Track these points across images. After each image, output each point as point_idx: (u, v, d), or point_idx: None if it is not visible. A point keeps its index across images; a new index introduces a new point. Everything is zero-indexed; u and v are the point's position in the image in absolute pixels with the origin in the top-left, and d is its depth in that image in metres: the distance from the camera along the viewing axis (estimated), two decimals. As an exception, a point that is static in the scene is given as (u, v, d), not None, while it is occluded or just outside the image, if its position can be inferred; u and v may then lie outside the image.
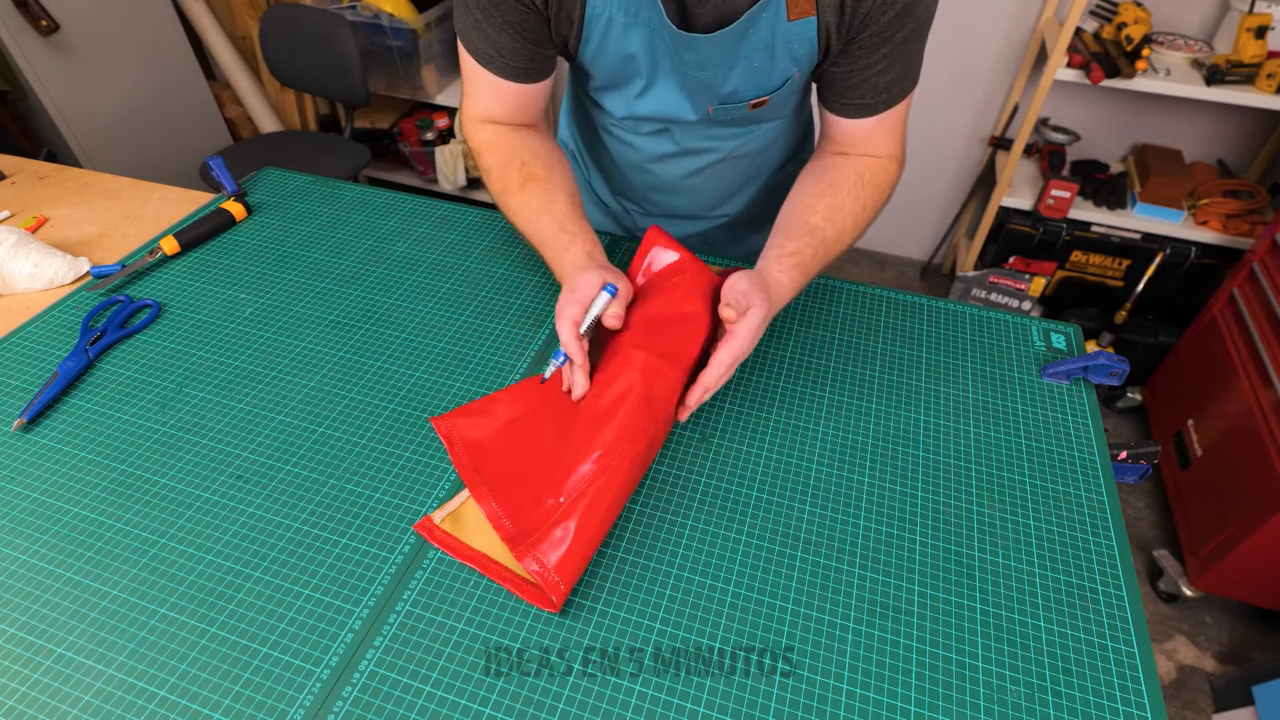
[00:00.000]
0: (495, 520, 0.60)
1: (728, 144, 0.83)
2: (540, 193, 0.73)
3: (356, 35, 1.91)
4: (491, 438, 0.66)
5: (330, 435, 0.68)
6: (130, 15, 2.07)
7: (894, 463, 0.67)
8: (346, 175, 1.95)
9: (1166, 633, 1.55)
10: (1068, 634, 0.55)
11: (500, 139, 0.77)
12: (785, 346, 0.79)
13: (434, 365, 0.76)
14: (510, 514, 0.60)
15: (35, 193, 1.05)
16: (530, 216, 0.73)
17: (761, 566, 0.59)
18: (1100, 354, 0.74)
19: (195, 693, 0.51)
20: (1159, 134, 2.04)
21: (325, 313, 0.82)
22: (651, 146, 0.83)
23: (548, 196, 0.73)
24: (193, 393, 0.72)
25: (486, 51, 0.71)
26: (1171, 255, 1.90)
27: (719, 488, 0.65)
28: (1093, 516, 0.63)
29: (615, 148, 0.87)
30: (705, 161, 0.85)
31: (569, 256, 0.69)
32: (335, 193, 1.02)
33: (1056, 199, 1.89)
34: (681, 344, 0.66)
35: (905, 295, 0.86)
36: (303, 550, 0.59)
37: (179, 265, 0.88)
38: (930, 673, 0.53)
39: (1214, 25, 1.84)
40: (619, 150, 0.87)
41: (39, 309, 0.83)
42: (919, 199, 2.40)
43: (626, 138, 0.84)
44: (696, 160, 0.84)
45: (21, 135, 2.04)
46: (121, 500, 0.63)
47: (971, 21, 2.01)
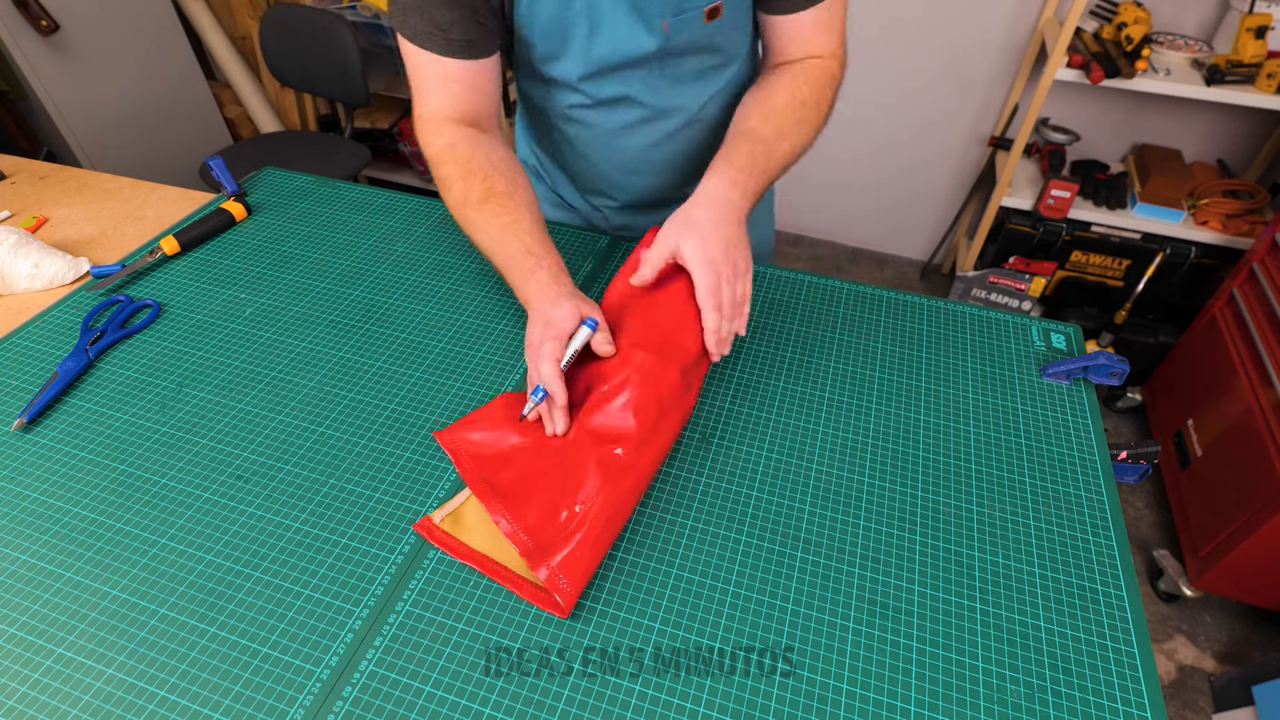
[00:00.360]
0: (513, 537, 0.59)
1: (690, 101, 0.81)
2: (503, 210, 0.70)
3: (356, 35, 1.91)
4: (496, 448, 0.65)
5: (330, 435, 0.68)
6: (130, 15, 2.07)
7: (894, 463, 0.67)
8: (346, 175, 1.95)
9: (1166, 633, 1.55)
10: (1068, 634, 0.55)
11: (459, 147, 0.73)
12: (785, 346, 0.79)
13: (434, 365, 0.76)
14: (526, 528, 0.59)
15: (35, 193, 1.05)
16: (492, 234, 0.70)
17: (761, 566, 0.59)
18: (1100, 354, 0.74)
19: (195, 693, 0.51)
20: (1159, 134, 2.04)
21: (325, 313, 0.82)
22: (613, 118, 0.81)
23: (511, 215, 0.70)
24: (193, 393, 0.72)
25: (425, 29, 0.69)
26: (1171, 255, 1.90)
27: (719, 488, 0.65)
28: (1093, 516, 0.63)
29: (576, 134, 0.84)
30: (670, 126, 0.83)
31: (535, 280, 0.66)
32: (335, 193, 1.02)
33: (1056, 199, 1.89)
34: (680, 339, 0.66)
35: (905, 295, 0.86)
36: (303, 550, 0.59)
37: (179, 265, 0.88)
38: (930, 673, 0.53)
39: (1214, 25, 1.84)
40: (580, 136, 0.84)
41: (39, 309, 0.83)
42: (919, 199, 2.40)
43: (585, 117, 0.81)
44: (661, 126, 0.82)
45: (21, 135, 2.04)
46: (121, 500, 0.63)
47: (971, 21, 2.01)
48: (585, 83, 0.77)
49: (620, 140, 0.84)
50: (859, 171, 2.39)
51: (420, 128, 0.75)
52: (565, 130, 0.85)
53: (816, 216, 2.58)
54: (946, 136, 2.24)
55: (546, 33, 0.72)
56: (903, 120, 2.23)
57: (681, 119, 0.82)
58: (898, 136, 2.27)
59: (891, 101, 2.21)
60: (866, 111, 2.24)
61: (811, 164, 2.73)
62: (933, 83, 2.15)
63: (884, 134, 2.29)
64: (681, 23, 0.72)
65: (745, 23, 0.79)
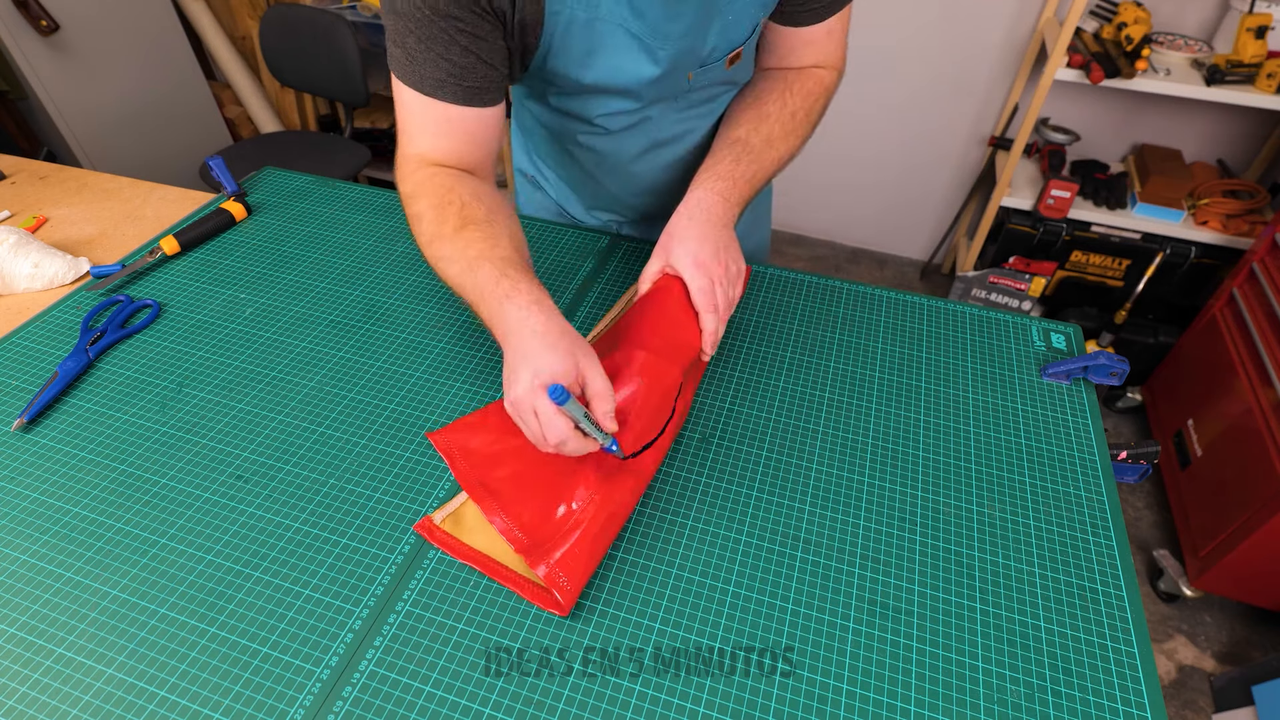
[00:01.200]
0: (508, 534, 0.59)
1: (701, 123, 0.81)
2: (480, 237, 0.61)
3: (356, 35, 1.91)
4: (490, 448, 0.65)
5: (330, 435, 0.68)
6: (130, 15, 2.07)
7: (894, 463, 0.67)
8: (346, 175, 1.95)
9: (1166, 633, 1.55)
10: (1068, 634, 0.55)
11: (435, 179, 0.65)
12: (785, 346, 0.79)
13: (434, 365, 0.76)
14: (522, 526, 0.60)
15: (35, 193, 1.05)
16: (466, 264, 0.60)
17: (761, 566, 0.59)
18: (1100, 354, 0.74)
19: (195, 693, 0.51)
20: (1159, 134, 2.04)
21: (325, 313, 0.82)
22: (626, 145, 0.80)
23: (489, 241, 0.61)
24: (193, 393, 0.72)
25: (435, 77, 0.61)
26: (1171, 255, 1.90)
27: (719, 488, 0.65)
28: (1093, 516, 0.63)
29: (586, 158, 0.83)
30: (682, 149, 0.82)
31: (510, 304, 0.56)
32: (335, 193, 1.02)
33: (1056, 199, 1.89)
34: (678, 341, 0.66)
35: (905, 295, 0.86)
36: (303, 550, 0.59)
37: (179, 265, 0.88)
38: (930, 673, 0.53)
39: (1214, 25, 1.84)
40: (590, 160, 0.83)
41: (39, 309, 0.83)
42: (919, 199, 2.40)
43: (597, 144, 0.80)
44: (674, 150, 0.82)
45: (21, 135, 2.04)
46: (121, 500, 0.63)
47: (971, 21, 2.01)
48: (601, 117, 0.76)
49: (632, 165, 0.84)
50: (859, 171, 2.39)
51: (402, 166, 0.67)
52: (575, 154, 0.84)
53: (816, 216, 2.58)
54: (946, 136, 2.24)
55: (565, 89, 0.72)
56: (903, 120, 2.23)
57: (694, 140, 0.83)
58: (898, 136, 2.27)
59: (892, 102, 2.21)
60: (867, 112, 2.24)
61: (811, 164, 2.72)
62: (933, 83, 2.15)
63: (884, 134, 2.29)
64: (705, 71, 0.73)
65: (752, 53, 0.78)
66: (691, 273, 0.65)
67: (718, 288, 0.66)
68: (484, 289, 0.58)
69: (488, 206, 0.64)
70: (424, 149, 0.66)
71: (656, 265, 0.68)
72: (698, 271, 0.65)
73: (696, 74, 0.72)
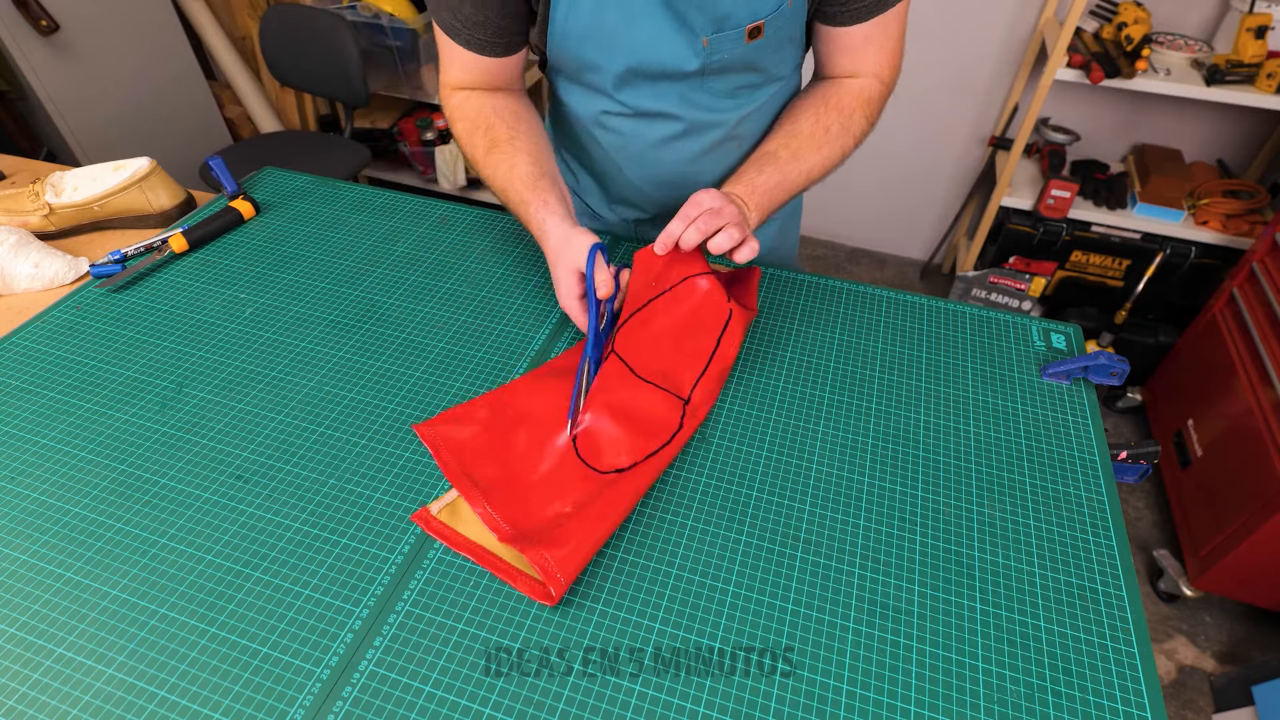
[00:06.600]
0: (491, 523, 0.60)
1: (727, 116, 0.81)
2: (503, 158, 0.76)
3: (356, 35, 1.91)
4: (476, 440, 0.66)
5: (330, 435, 0.68)
6: (130, 15, 2.07)
7: (894, 463, 0.67)
8: (346, 175, 1.95)
9: (1166, 633, 1.55)
10: (1068, 634, 0.55)
11: (468, 103, 0.80)
12: (785, 346, 0.79)
13: (434, 365, 0.76)
14: (506, 516, 0.60)
15: (35, 193, 1.05)
16: (499, 185, 0.77)
17: (761, 566, 0.59)
18: (1100, 354, 0.74)
19: (195, 693, 0.51)
20: (1159, 134, 2.04)
21: (325, 313, 0.82)
22: (647, 130, 0.81)
23: (508, 162, 0.75)
24: (193, 393, 0.72)
25: (452, 24, 0.74)
26: (1171, 255, 1.90)
27: (719, 488, 0.65)
28: (1093, 516, 0.63)
29: (609, 141, 0.84)
30: (705, 142, 0.82)
31: (535, 222, 0.73)
32: (335, 193, 1.02)
33: (1056, 199, 1.89)
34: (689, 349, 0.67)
35: (905, 295, 0.86)
36: (303, 550, 0.59)
37: (179, 265, 0.88)
38: (930, 673, 0.53)
39: (1214, 25, 1.84)
40: (613, 144, 0.84)
41: (39, 309, 0.83)
42: (919, 199, 2.40)
43: (620, 126, 0.81)
44: (697, 140, 0.82)
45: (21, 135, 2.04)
46: (121, 500, 0.63)
47: (971, 21, 2.01)
48: (621, 91, 0.77)
49: (654, 153, 0.84)
50: (859, 171, 2.39)
51: (442, 91, 0.83)
52: (598, 136, 0.84)
53: (816, 216, 2.58)
54: (947, 136, 2.24)
55: (583, 40, 0.73)
56: (903, 120, 2.23)
57: (718, 134, 0.82)
58: (898, 137, 2.27)
59: (892, 102, 2.20)
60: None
61: (811, 164, 2.65)
62: (933, 83, 2.15)
63: (884, 134, 2.28)
64: (721, 39, 0.72)
65: (789, 45, 0.78)
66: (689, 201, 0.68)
67: (706, 211, 0.67)
68: (515, 208, 0.76)
69: (509, 124, 0.78)
70: (455, 77, 0.81)
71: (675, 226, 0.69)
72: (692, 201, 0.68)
73: (712, 40, 0.71)
